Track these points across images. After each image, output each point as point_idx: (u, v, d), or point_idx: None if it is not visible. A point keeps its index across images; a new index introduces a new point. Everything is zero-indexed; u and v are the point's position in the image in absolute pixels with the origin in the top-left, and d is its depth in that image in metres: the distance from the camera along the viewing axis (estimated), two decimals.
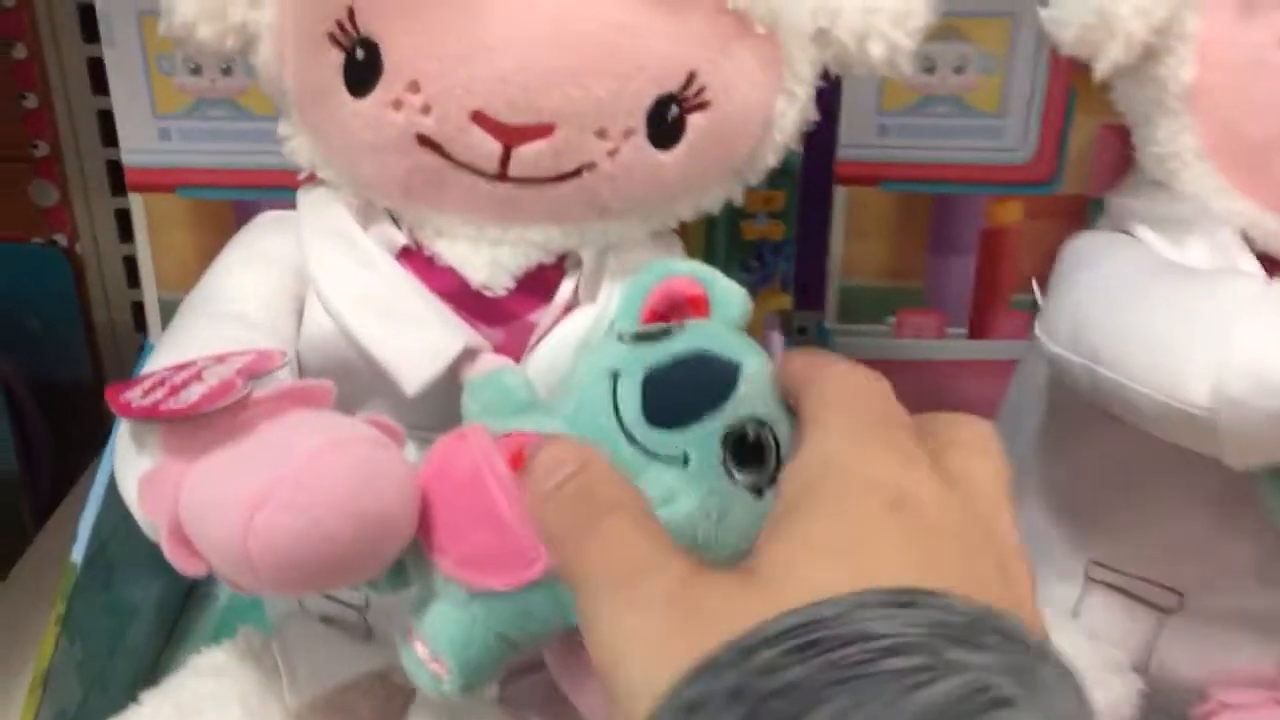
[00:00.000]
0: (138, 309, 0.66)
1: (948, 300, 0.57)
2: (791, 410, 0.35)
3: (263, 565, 0.29)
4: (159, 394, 0.33)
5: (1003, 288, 0.57)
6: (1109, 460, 0.45)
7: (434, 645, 0.32)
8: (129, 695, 0.47)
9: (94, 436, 0.51)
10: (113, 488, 0.44)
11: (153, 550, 0.32)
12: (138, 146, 0.54)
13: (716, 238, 0.56)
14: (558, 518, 0.28)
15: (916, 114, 0.53)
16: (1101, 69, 0.41)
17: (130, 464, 0.34)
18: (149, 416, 0.32)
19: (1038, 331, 0.43)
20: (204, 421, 0.32)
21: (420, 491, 0.32)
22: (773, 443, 0.32)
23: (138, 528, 0.34)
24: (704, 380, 0.33)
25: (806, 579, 0.22)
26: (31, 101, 0.62)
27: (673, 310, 0.39)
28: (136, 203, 0.55)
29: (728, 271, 0.55)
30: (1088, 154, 0.54)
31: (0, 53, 0.61)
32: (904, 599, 0.21)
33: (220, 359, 0.35)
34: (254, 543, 0.29)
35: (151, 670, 0.52)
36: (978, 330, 0.58)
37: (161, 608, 0.54)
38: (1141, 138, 0.44)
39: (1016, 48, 0.52)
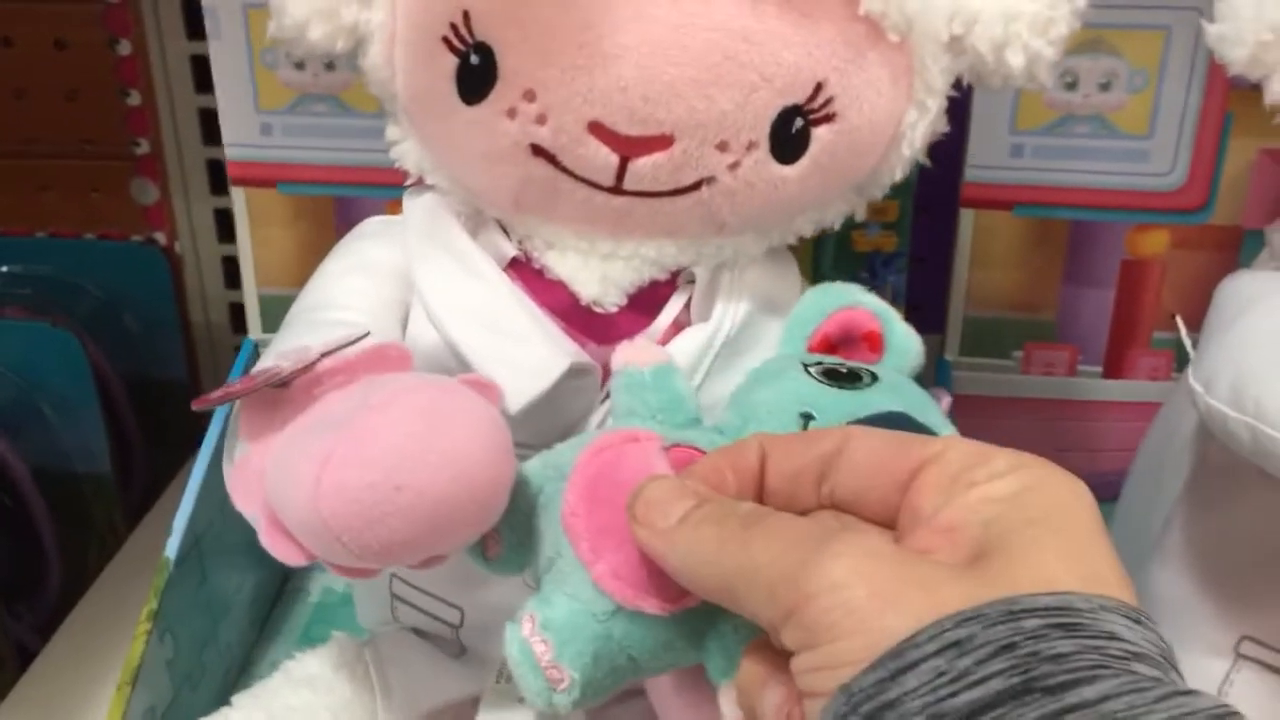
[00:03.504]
0: (235, 309, 0.66)
1: (1082, 335, 0.55)
2: None
3: (342, 528, 0.28)
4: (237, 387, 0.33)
5: (1143, 324, 0.54)
6: (1267, 525, 0.41)
7: (559, 652, 0.30)
8: (220, 693, 0.48)
9: (188, 437, 0.51)
10: (208, 484, 0.46)
11: (247, 545, 0.32)
12: (240, 141, 0.54)
13: (825, 248, 0.54)
14: (698, 540, 0.26)
15: (1054, 134, 0.51)
16: (1275, 90, 0.38)
17: (229, 461, 0.35)
18: (223, 399, 0.32)
19: (1191, 381, 0.40)
20: (279, 402, 0.31)
21: (582, 486, 0.31)
22: None
23: (232, 522, 0.33)
24: None
25: (1039, 567, 0.23)
26: (134, 99, 0.62)
27: (844, 341, 0.37)
28: (238, 197, 0.55)
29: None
30: (1243, 181, 0.51)
31: (105, 49, 0.61)
32: (1134, 615, 0.22)
33: (305, 348, 0.35)
34: (324, 505, 0.28)
35: (243, 667, 0.52)
36: (1114, 369, 0.55)
37: (254, 603, 0.54)
38: None
39: (1169, 64, 0.49)
